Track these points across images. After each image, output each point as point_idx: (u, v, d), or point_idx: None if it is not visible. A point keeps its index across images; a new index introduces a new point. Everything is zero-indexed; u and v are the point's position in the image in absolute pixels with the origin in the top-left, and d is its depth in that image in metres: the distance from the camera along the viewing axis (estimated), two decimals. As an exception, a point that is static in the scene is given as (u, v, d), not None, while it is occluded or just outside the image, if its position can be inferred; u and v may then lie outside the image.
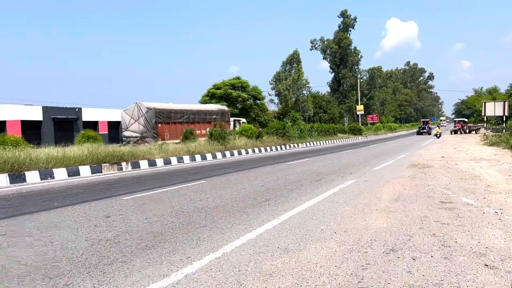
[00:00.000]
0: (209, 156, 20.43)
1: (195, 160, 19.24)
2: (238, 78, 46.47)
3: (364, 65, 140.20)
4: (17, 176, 11.72)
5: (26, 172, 12.03)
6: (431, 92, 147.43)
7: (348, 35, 73.64)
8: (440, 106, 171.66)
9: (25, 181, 11.81)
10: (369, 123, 71.62)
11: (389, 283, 3.47)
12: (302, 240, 4.84)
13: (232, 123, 32.73)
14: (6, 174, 11.53)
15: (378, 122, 73.97)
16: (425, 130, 53.75)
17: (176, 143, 22.70)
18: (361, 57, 75.04)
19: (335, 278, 3.60)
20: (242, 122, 34.31)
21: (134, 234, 5.33)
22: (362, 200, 7.40)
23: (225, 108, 33.00)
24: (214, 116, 29.25)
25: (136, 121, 24.80)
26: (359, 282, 3.51)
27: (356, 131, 53.54)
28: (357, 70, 76.02)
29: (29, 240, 5.14)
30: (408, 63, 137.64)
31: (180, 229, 5.54)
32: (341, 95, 73.55)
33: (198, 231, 5.37)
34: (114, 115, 44.82)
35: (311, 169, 13.18)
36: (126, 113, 26.23)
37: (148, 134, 24.05)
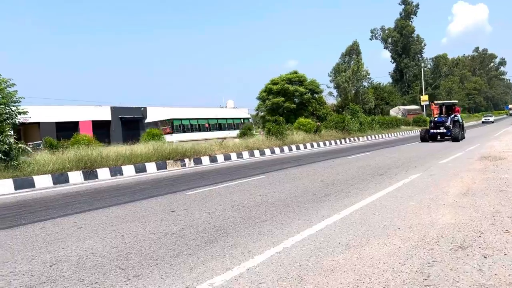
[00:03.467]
0: (267, 151, 20.57)
1: (253, 155, 19.47)
2: (295, 72, 46.22)
3: (428, 53, 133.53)
4: (90, 173, 12.56)
5: (97, 169, 12.86)
6: (503, 79, 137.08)
7: (410, 22, 70.60)
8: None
9: (97, 178, 12.63)
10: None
11: (457, 282, 3.32)
12: (364, 236, 4.75)
13: None
14: (80, 171, 12.41)
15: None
16: (441, 131, 23.02)
17: (234, 138, 23.15)
18: (425, 45, 71.86)
19: (399, 275, 3.50)
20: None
21: (197, 227, 5.52)
22: (427, 195, 7.10)
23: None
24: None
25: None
26: (425, 279, 3.39)
27: (420, 123, 51.20)
28: (420, 58, 72.75)
29: (102, 233, 5.51)
30: (477, 49, 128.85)
31: (241, 223, 5.66)
32: (404, 85, 70.76)
33: (258, 226, 5.46)
34: (178, 114, 46.45)
35: (373, 164, 12.83)
36: None
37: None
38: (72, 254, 4.56)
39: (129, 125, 41.50)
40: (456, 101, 28.77)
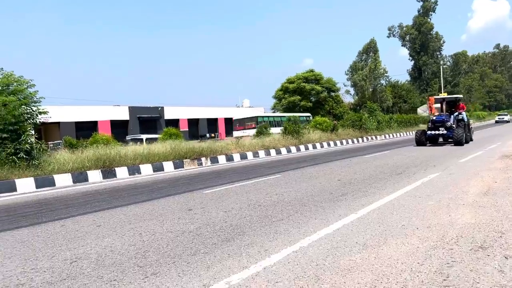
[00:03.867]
0: (283, 150, 20.54)
1: (270, 154, 19.47)
2: (311, 71, 46.05)
3: (447, 50, 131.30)
4: (108, 172, 12.75)
5: (116, 168, 13.05)
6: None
7: (429, 19, 69.54)
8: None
9: (116, 177, 12.81)
10: None
11: (477, 283, 3.26)
12: (381, 235, 4.71)
13: None
14: (99, 170, 12.60)
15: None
16: (440, 132, 19.40)
17: (251, 138, 23.18)
18: (444, 42, 70.73)
19: (417, 276, 3.46)
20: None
21: (214, 226, 5.55)
22: (446, 194, 6.99)
23: None
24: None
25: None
26: (444, 280, 3.34)
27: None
28: (439, 56, 71.64)
29: (121, 231, 5.59)
30: (497, 46, 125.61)
31: (257, 222, 5.67)
32: (423, 83, 69.75)
33: (275, 225, 5.46)
34: (195, 113, 46.78)
35: (391, 163, 12.69)
36: None
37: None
38: (92, 252, 4.64)
39: (146, 124, 41.96)
40: (461, 96, 23.42)
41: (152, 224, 5.93)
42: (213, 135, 45.25)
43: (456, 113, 20.41)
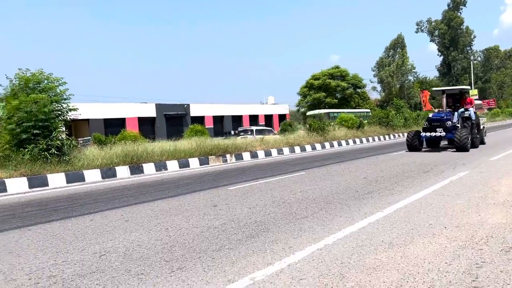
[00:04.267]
0: (308, 148, 20.43)
1: (294, 151, 19.41)
2: (337, 67, 45.59)
3: (478, 45, 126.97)
4: (136, 168, 13.01)
5: (143, 164, 13.29)
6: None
7: (459, 13, 67.58)
8: None
9: (143, 172, 13.06)
10: (485, 108, 64.96)
11: (508, 284, 3.17)
12: (408, 234, 4.64)
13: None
14: (127, 166, 12.87)
15: (495, 107, 66.75)
16: (437, 134, 15.52)
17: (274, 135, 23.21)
18: (474, 37, 68.51)
19: (445, 276, 3.39)
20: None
21: (239, 222, 5.59)
22: (476, 193, 6.81)
23: None
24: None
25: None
26: (473, 281, 3.26)
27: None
28: (469, 51, 69.54)
29: (148, 226, 5.70)
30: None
31: (281, 219, 5.68)
32: (452, 79, 67.89)
33: (299, 222, 5.45)
34: (219, 110, 47.10)
35: (418, 160, 12.44)
36: None
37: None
38: (120, 246, 4.76)
39: (173, 121, 42.51)
40: (468, 87, 18.94)
41: (178, 219, 6.03)
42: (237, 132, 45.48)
43: (462, 109, 16.41)
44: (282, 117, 53.54)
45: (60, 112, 12.86)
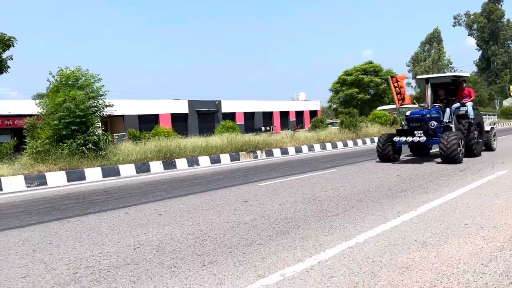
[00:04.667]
0: (339, 144, 20.20)
1: (325, 148, 19.23)
2: (370, 62, 44.76)
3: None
4: (169, 163, 13.27)
5: (176, 160, 13.55)
6: None
7: (500, 6, 64.86)
8: None
9: (176, 168, 13.30)
10: None
11: (550, 289, 3.05)
12: (442, 234, 4.52)
13: None
14: (161, 161, 13.15)
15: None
16: (415, 138, 11.31)
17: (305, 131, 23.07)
18: (516, 29, 65.39)
19: (481, 277, 3.29)
20: None
21: (269, 218, 5.62)
22: (516, 193, 6.54)
23: None
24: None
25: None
26: (511, 283, 3.15)
27: (509, 115, 46.92)
28: (510, 45, 66.57)
29: (180, 220, 5.82)
30: None
31: (312, 216, 5.66)
32: (491, 75, 65.39)
33: (330, 219, 5.42)
34: (250, 106, 47.26)
35: (454, 158, 12.05)
36: None
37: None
38: (153, 239, 4.88)
39: (204, 117, 43.01)
40: (465, 74, 14.71)
41: (210, 214, 6.12)
42: (268, 128, 45.50)
43: (457, 105, 12.40)
44: (313, 113, 53.16)
45: (96, 108, 13.27)
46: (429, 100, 12.53)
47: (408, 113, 12.34)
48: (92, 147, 12.34)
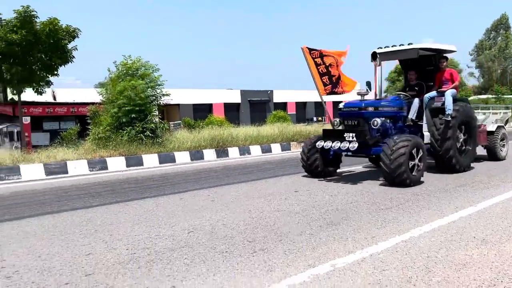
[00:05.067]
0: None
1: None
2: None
3: None
4: (221, 151, 13.54)
5: (228, 148, 13.79)
6: None
7: None
8: None
9: (228, 156, 13.55)
10: None
11: None
12: (504, 231, 4.29)
13: None
14: (214, 150, 13.45)
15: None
16: (341, 145, 7.32)
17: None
18: None
19: (547, 279, 3.10)
20: None
21: (320, 209, 5.60)
22: None
23: None
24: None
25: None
26: None
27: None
28: None
29: (232, 207, 5.95)
30: None
31: (364, 208, 5.57)
32: None
33: (383, 212, 5.31)
34: (302, 96, 46.88)
35: (520, 153, 11.30)
36: None
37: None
38: (206, 224, 5.04)
39: (256, 107, 43.26)
40: (450, 48, 9.30)
41: (261, 202, 6.19)
42: (320, 118, 44.92)
43: (432, 93, 8.63)
44: (367, 104, 51.66)
45: (154, 97, 13.81)
46: (377, 85, 9.26)
47: (341, 105, 8.28)
48: (150, 134, 12.85)
